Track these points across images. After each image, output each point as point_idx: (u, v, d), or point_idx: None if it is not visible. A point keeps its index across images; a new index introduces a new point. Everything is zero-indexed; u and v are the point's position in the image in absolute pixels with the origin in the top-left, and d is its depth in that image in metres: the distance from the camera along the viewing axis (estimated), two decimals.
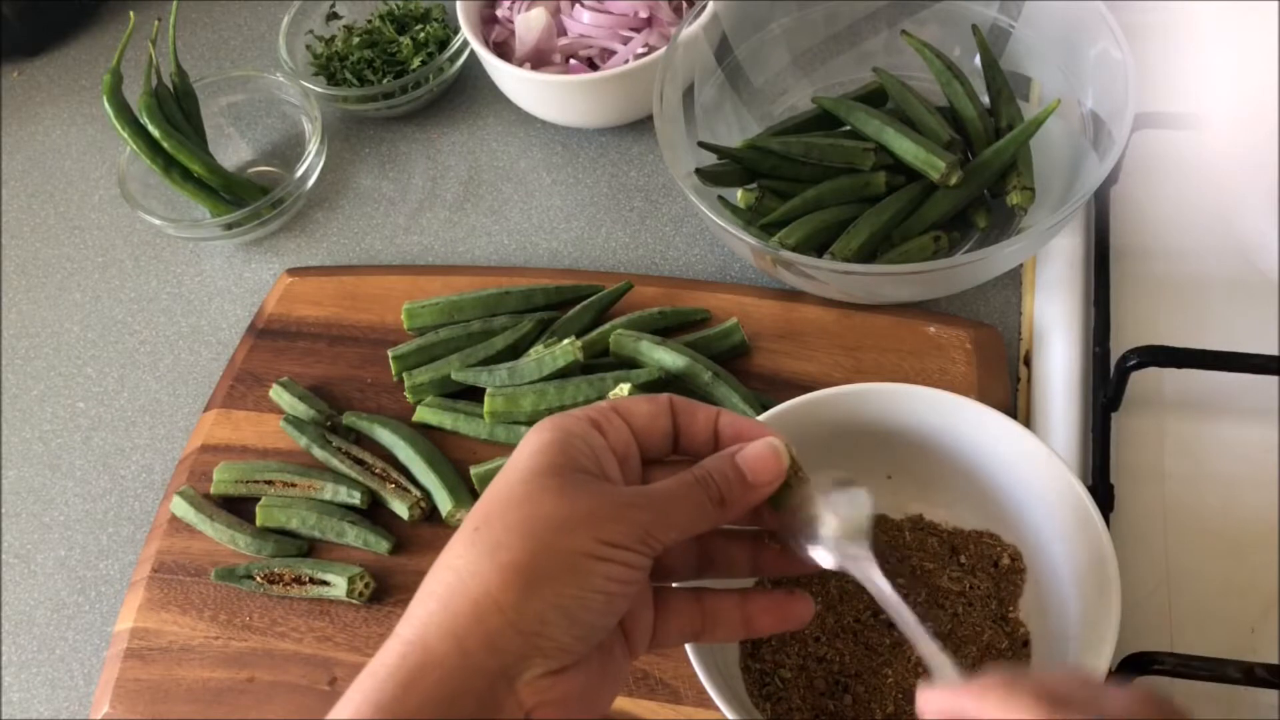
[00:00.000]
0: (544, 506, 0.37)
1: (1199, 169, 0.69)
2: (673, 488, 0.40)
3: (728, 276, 0.74)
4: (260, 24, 0.96)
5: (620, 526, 0.37)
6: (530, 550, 0.36)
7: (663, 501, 0.39)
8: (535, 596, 0.36)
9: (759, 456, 0.41)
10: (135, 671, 0.61)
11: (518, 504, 0.38)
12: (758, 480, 0.40)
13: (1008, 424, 0.53)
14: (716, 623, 0.43)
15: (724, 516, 0.40)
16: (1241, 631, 0.55)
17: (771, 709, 0.52)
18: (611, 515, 0.37)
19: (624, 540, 0.37)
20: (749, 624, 0.43)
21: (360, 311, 0.73)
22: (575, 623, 0.36)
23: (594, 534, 0.37)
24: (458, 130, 0.85)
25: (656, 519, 0.38)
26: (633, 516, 0.38)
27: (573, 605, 0.36)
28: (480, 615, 0.36)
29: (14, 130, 0.93)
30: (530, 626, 0.36)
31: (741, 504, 0.40)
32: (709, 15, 0.73)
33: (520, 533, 0.37)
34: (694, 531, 0.40)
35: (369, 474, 0.65)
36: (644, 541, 0.38)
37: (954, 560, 0.56)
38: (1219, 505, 0.59)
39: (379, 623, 0.61)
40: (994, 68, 0.73)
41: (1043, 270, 0.69)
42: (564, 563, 0.36)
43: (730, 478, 0.40)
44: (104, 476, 0.72)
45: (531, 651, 0.36)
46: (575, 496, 0.37)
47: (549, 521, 0.37)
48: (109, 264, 0.83)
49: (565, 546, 0.36)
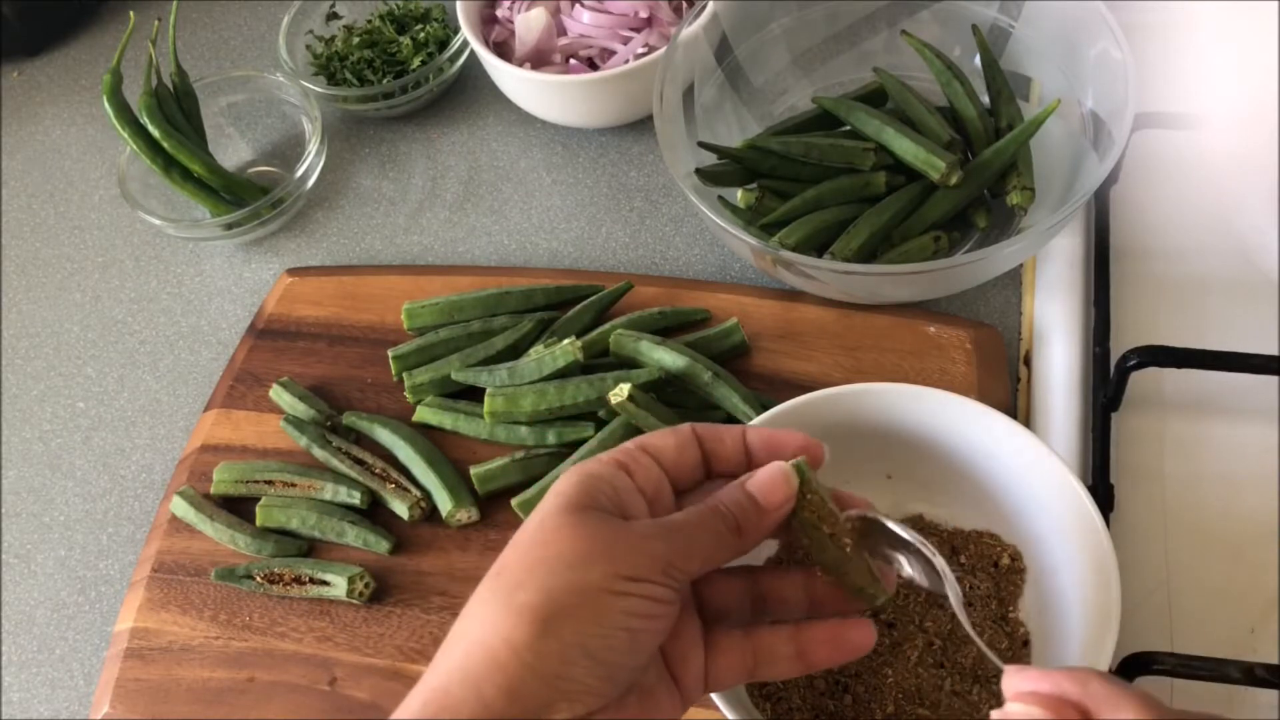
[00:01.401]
0: (561, 545, 0.37)
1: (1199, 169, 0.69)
2: (691, 518, 0.39)
3: (728, 276, 0.74)
4: (260, 24, 0.96)
5: (638, 559, 0.37)
6: (547, 590, 0.36)
7: (681, 532, 0.39)
8: (553, 637, 0.35)
9: (768, 481, 0.41)
10: (135, 671, 0.61)
11: (536, 545, 0.37)
12: (769, 504, 0.40)
13: (1007, 424, 0.53)
14: (770, 659, 0.41)
15: (743, 544, 0.40)
16: (1241, 631, 0.55)
17: (771, 709, 0.52)
18: (629, 549, 0.37)
19: (643, 573, 0.36)
20: (804, 657, 0.42)
21: (360, 311, 0.73)
22: (599, 662, 0.35)
23: (611, 569, 0.36)
24: (458, 130, 0.85)
25: (676, 550, 0.38)
26: (650, 548, 0.37)
27: (594, 644, 0.35)
28: (498, 662, 0.35)
29: (14, 130, 0.93)
30: (549, 669, 0.35)
31: (758, 529, 0.40)
32: (709, 15, 0.73)
33: (537, 573, 0.36)
34: (718, 561, 0.40)
35: (369, 474, 0.65)
36: (666, 573, 0.37)
37: (954, 560, 0.56)
38: (1219, 505, 0.59)
39: (379, 623, 0.61)
40: (994, 68, 0.73)
41: (1043, 270, 0.69)
42: (582, 600, 0.36)
43: (744, 505, 0.40)
44: (104, 476, 0.72)
45: (555, 696, 0.35)
46: (593, 534, 0.37)
47: (566, 560, 0.36)
48: (109, 264, 0.83)
49: (582, 584, 0.36)
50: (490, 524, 0.63)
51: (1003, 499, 0.55)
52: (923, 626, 0.54)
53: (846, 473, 0.58)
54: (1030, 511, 0.54)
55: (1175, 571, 0.57)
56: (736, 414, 0.62)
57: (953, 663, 0.53)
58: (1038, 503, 0.53)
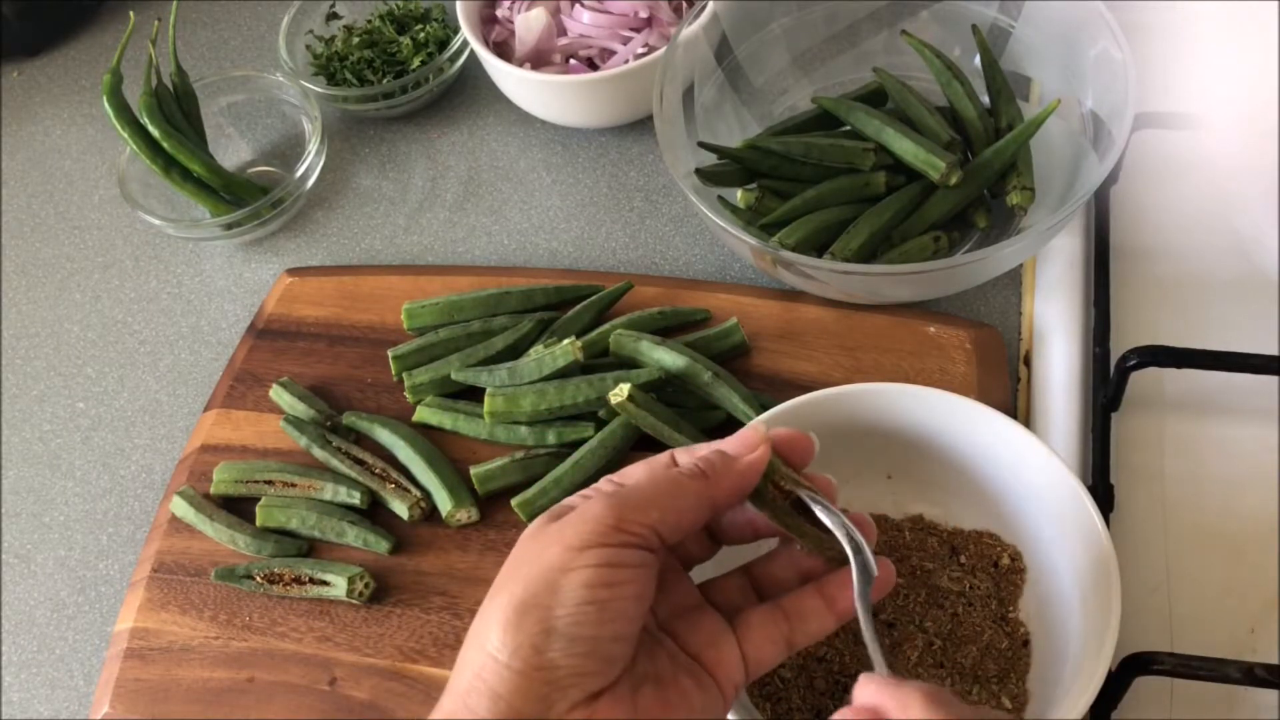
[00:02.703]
0: (526, 551, 0.38)
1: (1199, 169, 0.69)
2: (641, 474, 0.40)
3: (728, 276, 0.74)
4: (260, 24, 0.96)
5: (582, 528, 0.37)
6: (511, 590, 0.37)
7: (627, 492, 0.39)
8: (520, 630, 0.35)
9: (740, 433, 0.41)
10: (135, 671, 0.61)
11: (512, 556, 0.38)
12: (737, 450, 0.40)
13: (1008, 424, 0.53)
14: (803, 617, 0.42)
15: (714, 491, 0.40)
16: (1241, 631, 0.55)
17: (771, 709, 0.52)
18: (575, 521, 0.37)
19: (590, 540, 0.37)
20: (834, 606, 0.42)
21: (360, 311, 0.73)
22: (572, 639, 0.35)
23: (562, 544, 0.37)
24: (458, 130, 0.85)
25: (624, 508, 0.38)
26: (595, 514, 0.37)
27: (560, 623, 0.35)
28: (480, 670, 0.36)
29: (14, 130, 0.93)
30: (526, 663, 0.35)
31: (728, 474, 0.40)
32: (709, 15, 0.73)
33: (508, 576, 0.37)
34: (688, 511, 0.39)
35: (369, 474, 0.65)
36: (618, 530, 0.37)
37: (954, 560, 0.56)
38: (1219, 505, 0.59)
39: (379, 623, 0.61)
40: (994, 68, 0.73)
41: (1043, 270, 0.69)
42: (541, 585, 0.36)
43: (710, 456, 0.40)
44: (104, 476, 0.72)
45: (546, 689, 0.35)
46: (549, 529, 0.38)
47: (527, 558, 0.37)
48: (109, 264, 0.83)
49: (540, 571, 0.36)
50: (490, 524, 0.63)
51: (1003, 499, 0.55)
52: (923, 626, 0.54)
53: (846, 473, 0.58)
54: (1030, 511, 0.54)
55: (1175, 571, 0.57)
56: (736, 414, 0.62)
57: (953, 663, 0.53)
58: (1038, 503, 0.53)
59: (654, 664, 0.39)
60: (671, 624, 0.41)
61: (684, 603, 0.42)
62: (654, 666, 0.39)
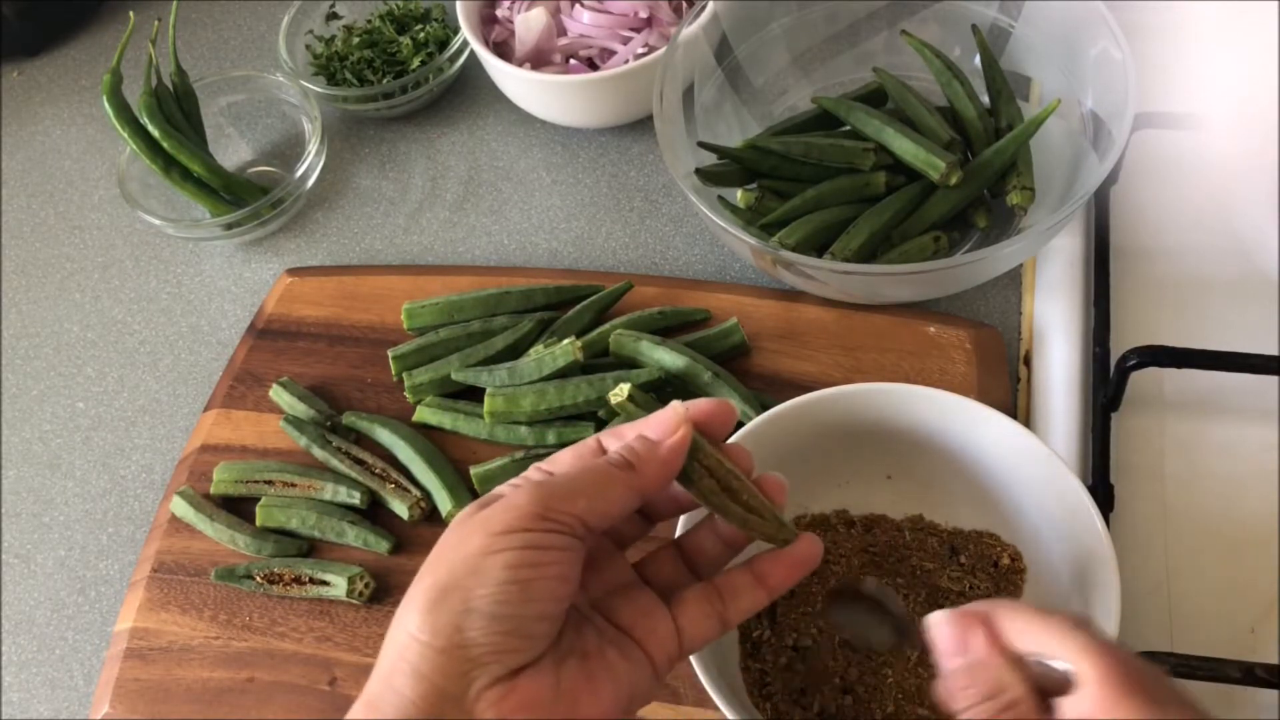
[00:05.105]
0: (450, 539, 0.39)
1: (1199, 169, 0.69)
2: (566, 469, 0.40)
3: (728, 276, 0.74)
4: (260, 24, 0.96)
5: (506, 516, 0.38)
6: (435, 574, 0.37)
7: (553, 481, 0.39)
8: (441, 609, 0.36)
9: (658, 417, 0.41)
10: (135, 671, 0.61)
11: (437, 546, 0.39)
12: (659, 434, 0.41)
13: (1008, 424, 0.53)
14: (735, 593, 0.42)
15: (641, 479, 0.40)
16: (1241, 631, 0.55)
17: (772, 709, 0.52)
18: (498, 511, 0.38)
19: (514, 525, 0.37)
20: (764, 582, 0.43)
21: (360, 311, 0.73)
22: (494, 618, 0.36)
23: (484, 532, 0.37)
24: (458, 130, 0.85)
25: (549, 496, 0.38)
26: (518, 502, 0.38)
27: (482, 603, 0.36)
28: (403, 652, 0.36)
29: (14, 130, 0.93)
30: (446, 640, 0.36)
31: (652, 461, 0.40)
32: (709, 15, 0.73)
33: (432, 563, 0.38)
34: (615, 499, 0.39)
35: (369, 474, 0.65)
36: (542, 518, 0.37)
37: (954, 560, 0.56)
38: (1219, 505, 0.59)
39: (379, 623, 0.61)
40: (994, 68, 0.73)
41: (1043, 270, 0.69)
42: (464, 569, 0.37)
43: (633, 444, 0.40)
44: (104, 476, 0.72)
45: (466, 666, 0.36)
46: (473, 518, 0.38)
47: (451, 545, 0.38)
48: (109, 264, 0.83)
49: (463, 555, 0.37)
50: None
51: (1003, 499, 0.55)
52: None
53: (847, 473, 0.58)
54: (1030, 512, 0.54)
55: (1175, 571, 0.57)
56: None
57: None
58: (1037, 503, 0.53)
59: (580, 639, 0.39)
60: (604, 601, 0.42)
61: (617, 580, 0.43)
62: (580, 641, 0.39)
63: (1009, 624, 0.40)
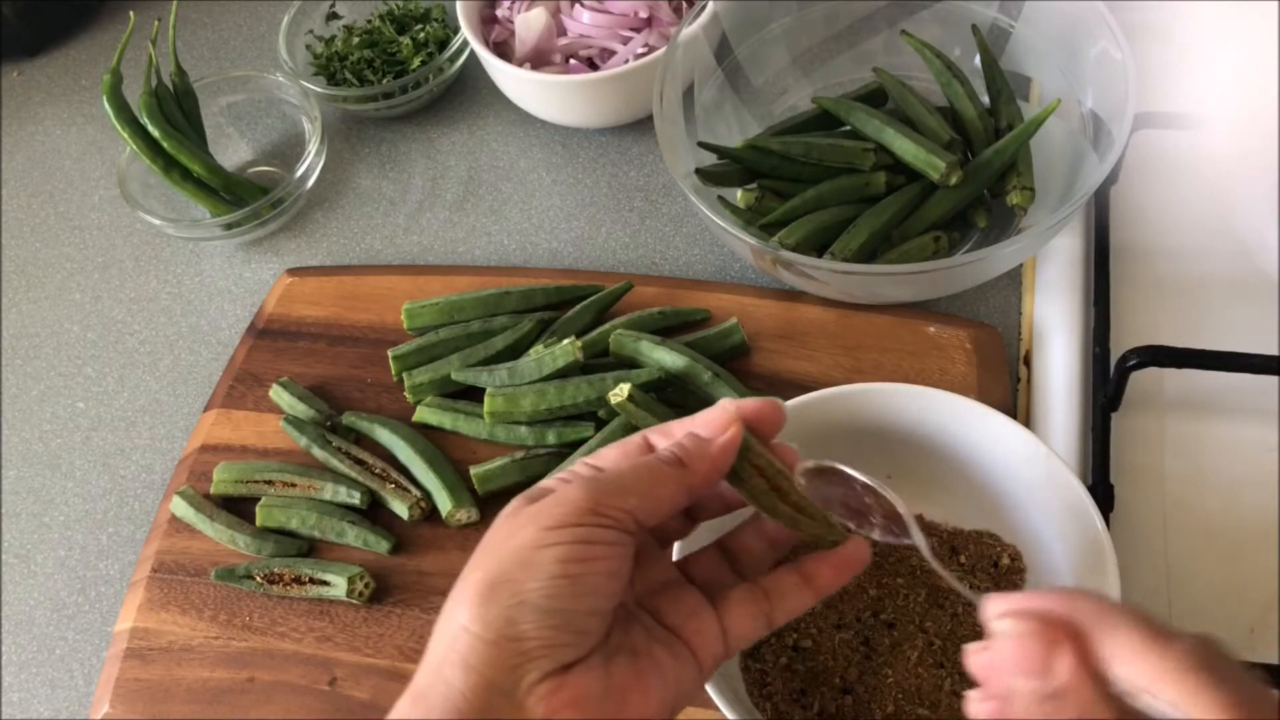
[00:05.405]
0: (500, 532, 0.39)
1: (1199, 169, 0.69)
2: (619, 464, 0.41)
3: (728, 276, 0.74)
4: (260, 24, 0.96)
5: (558, 510, 0.38)
6: (486, 566, 0.37)
7: (608, 477, 0.40)
8: (493, 602, 0.36)
9: (707, 414, 0.42)
10: (135, 671, 0.61)
11: (486, 538, 0.39)
12: (710, 431, 0.41)
13: (1008, 424, 0.53)
14: (781, 593, 0.42)
15: (691, 476, 0.40)
16: (1241, 631, 0.55)
17: (772, 709, 0.52)
18: (549, 505, 0.38)
19: (566, 520, 0.37)
20: (812, 582, 0.43)
21: (360, 311, 0.73)
22: (545, 611, 0.36)
23: (536, 527, 0.37)
24: (458, 130, 0.85)
25: (601, 492, 0.38)
26: (571, 497, 0.38)
27: (534, 596, 0.36)
28: (454, 644, 0.36)
29: (14, 130, 0.93)
30: (498, 633, 0.36)
31: (703, 458, 0.40)
32: (709, 15, 0.73)
33: (481, 555, 0.38)
34: (665, 497, 0.40)
35: (369, 474, 0.65)
36: (594, 513, 0.38)
37: (954, 560, 0.56)
38: (1219, 505, 0.59)
39: (379, 623, 0.61)
40: (994, 68, 0.73)
41: (1043, 270, 0.69)
42: (515, 562, 0.37)
43: (684, 442, 0.41)
44: (104, 476, 0.72)
45: (518, 659, 0.36)
46: (524, 511, 0.39)
47: (501, 538, 0.38)
48: (109, 264, 0.83)
49: (514, 548, 0.37)
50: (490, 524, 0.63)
51: (1003, 499, 0.55)
52: (923, 626, 0.54)
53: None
54: (1030, 512, 0.54)
55: (1175, 571, 0.57)
56: None
57: (953, 663, 0.53)
58: (1037, 503, 0.53)
59: (629, 637, 0.39)
60: (650, 600, 0.42)
61: (662, 579, 0.43)
62: (629, 639, 0.39)
63: (1109, 645, 0.33)
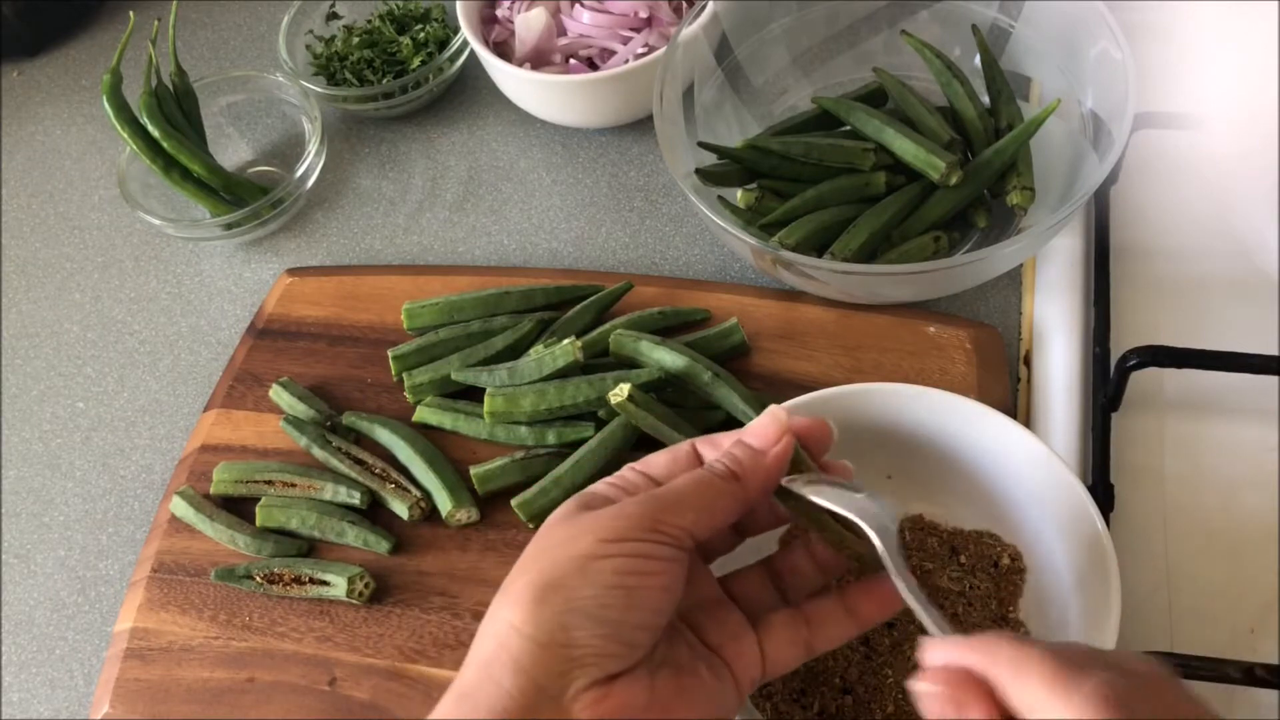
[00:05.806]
0: (554, 535, 0.39)
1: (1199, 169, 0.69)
2: (675, 481, 0.41)
3: (728, 276, 0.74)
4: (260, 24, 0.96)
5: (618, 523, 0.38)
6: (541, 569, 0.38)
7: (663, 494, 0.40)
8: (547, 606, 0.36)
9: (758, 424, 0.42)
10: (135, 671, 0.61)
11: (535, 543, 0.40)
12: (763, 443, 0.41)
13: (1008, 424, 0.53)
14: (823, 622, 0.43)
15: (745, 489, 0.40)
16: (1241, 631, 0.55)
17: (772, 709, 0.52)
18: (610, 518, 0.39)
19: (625, 534, 0.38)
20: (854, 614, 0.43)
21: (360, 311, 0.73)
22: (598, 621, 0.36)
23: (595, 537, 0.38)
24: (458, 130, 0.85)
25: (660, 508, 0.39)
26: (629, 512, 0.39)
27: (588, 605, 0.36)
28: (505, 644, 0.37)
29: (14, 130, 0.93)
30: (550, 637, 0.36)
31: (756, 470, 0.41)
32: (709, 15, 0.73)
33: (534, 561, 0.38)
34: (721, 510, 0.40)
35: (369, 474, 0.65)
36: (653, 529, 0.38)
37: (954, 560, 0.56)
38: (1219, 505, 0.59)
39: (379, 623, 0.61)
40: (994, 68, 0.73)
41: (1043, 270, 0.69)
42: (571, 568, 0.37)
43: (736, 454, 0.41)
44: (104, 476, 0.72)
45: (567, 665, 0.36)
46: (581, 519, 0.39)
47: (557, 542, 0.39)
48: (109, 264, 0.83)
49: (571, 555, 0.38)
50: (490, 524, 0.63)
51: (1003, 499, 0.55)
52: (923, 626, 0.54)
53: None
54: (1030, 512, 0.54)
55: (1175, 571, 0.57)
56: (736, 414, 0.62)
57: None
58: (1038, 503, 0.53)
59: (673, 651, 0.40)
60: (692, 615, 0.42)
61: (705, 595, 0.43)
62: (673, 653, 0.40)
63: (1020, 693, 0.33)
